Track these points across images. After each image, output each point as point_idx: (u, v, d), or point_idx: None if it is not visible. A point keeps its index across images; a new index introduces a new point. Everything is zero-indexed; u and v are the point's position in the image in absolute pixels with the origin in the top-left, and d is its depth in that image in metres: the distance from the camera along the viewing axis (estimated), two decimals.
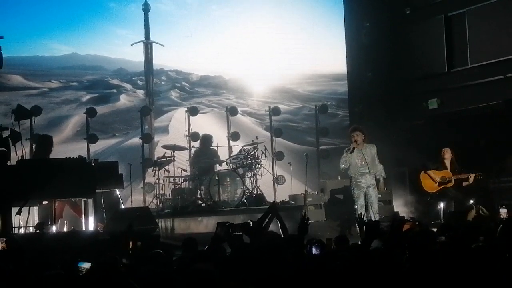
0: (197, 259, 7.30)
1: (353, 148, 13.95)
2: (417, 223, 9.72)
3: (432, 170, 15.19)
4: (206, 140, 16.97)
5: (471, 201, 14.69)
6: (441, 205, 15.02)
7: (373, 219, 13.49)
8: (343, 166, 14.24)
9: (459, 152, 15.32)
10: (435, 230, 9.26)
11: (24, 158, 13.10)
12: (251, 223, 8.86)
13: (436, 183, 15.11)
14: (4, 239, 11.05)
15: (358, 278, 6.15)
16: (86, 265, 7.19)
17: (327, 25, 20.00)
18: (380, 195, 16.23)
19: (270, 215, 9.41)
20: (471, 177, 14.89)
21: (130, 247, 9.71)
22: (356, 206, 14.08)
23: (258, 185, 16.83)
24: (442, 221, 14.52)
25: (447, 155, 15.22)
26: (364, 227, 8.53)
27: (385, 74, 18.78)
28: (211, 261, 6.70)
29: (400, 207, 17.06)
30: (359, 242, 10.89)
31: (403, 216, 15.42)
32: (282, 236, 8.87)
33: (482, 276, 6.13)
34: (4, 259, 9.30)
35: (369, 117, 17.83)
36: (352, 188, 14.30)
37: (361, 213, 12.80)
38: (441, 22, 17.70)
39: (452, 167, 15.15)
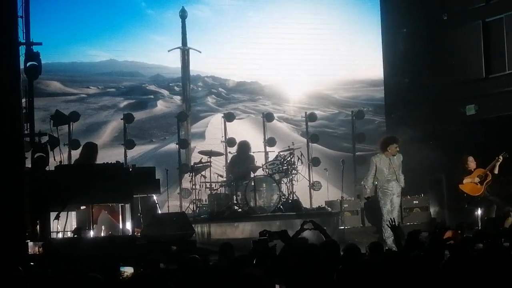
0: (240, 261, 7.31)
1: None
2: (459, 231, 9.56)
3: (464, 177, 15.09)
4: (244, 146, 17.00)
5: (508, 208, 14.59)
6: (479, 211, 14.91)
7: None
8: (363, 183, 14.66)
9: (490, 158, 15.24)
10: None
11: (63, 163, 13.25)
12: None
13: (477, 184, 14.99)
14: (41, 244, 11.20)
15: (395, 285, 6.13)
16: (127, 269, 7.25)
17: (364, 31, 19.94)
18: (417, 202, 16.30)
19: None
20: (499, 159, 14.82)
21: None
22: (383, 213, 14.14)
23: (294, 191, 16.79)
24: (479, 227, 14.41)
25: (472, 164, 15.15)
26: (395, 231, 8.52)
27: (422, 80, 18.67)
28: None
29: (437, 213, 16.98)
30: (394, 248, 10.89)
31: (443, 222, 15.31)
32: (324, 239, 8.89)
33: None
34: (41, 263, 9.41)
35: (406, 123, 17.73)
36: (379, 195, 14.35)
37: (391, 219, 12.84)
38: (479, 28, 17.56)
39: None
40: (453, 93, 18.22)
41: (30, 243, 11.76)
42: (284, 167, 16.55)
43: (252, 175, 16.50)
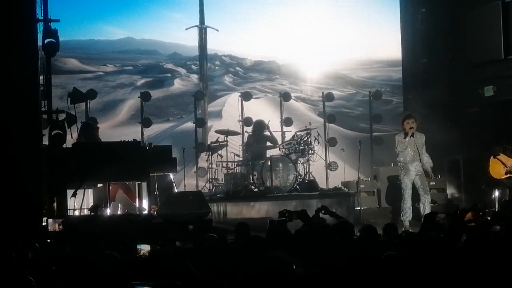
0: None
1: (412, 134, 13.77)
2: (480, 213, 9.42)
3: (504, 155, 14.99)
4: (258, 125, 16.95)
5: None
6: (496, 193, 14.85)
7: (423, 211, 13.43)
8: (399, 149, 14.13)
9: None
10: None
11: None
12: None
13: (504, 169, 14.92)
14: (61, 221, 11.25)
15: (411, 266, 6.11)
16: (144, 247, 7.26)
17: (382, 10, 19.85)
18: (433, 183, 16.18)
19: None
20: None
21: None
22: (403, 195, 14.02)
23: (310, 171, 16.77)
24: (496, 209, 14.35)
25: None
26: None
27: (441, 61, 18.55)
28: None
29: (454, 195, 16.92)
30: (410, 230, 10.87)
31: (457, 204, 15.27)
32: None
33: None
34: (60, 241, 9.45)
35: (424, 104, 17.65)
36: (401, 176, 14.20)
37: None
38: (498, 8, 17.39)
39: None
40: (472, 74, 18.10)
41: (50, 220, 11.80)
42: (300, 147, 16.52)
43: (268, 155, 16.50)
